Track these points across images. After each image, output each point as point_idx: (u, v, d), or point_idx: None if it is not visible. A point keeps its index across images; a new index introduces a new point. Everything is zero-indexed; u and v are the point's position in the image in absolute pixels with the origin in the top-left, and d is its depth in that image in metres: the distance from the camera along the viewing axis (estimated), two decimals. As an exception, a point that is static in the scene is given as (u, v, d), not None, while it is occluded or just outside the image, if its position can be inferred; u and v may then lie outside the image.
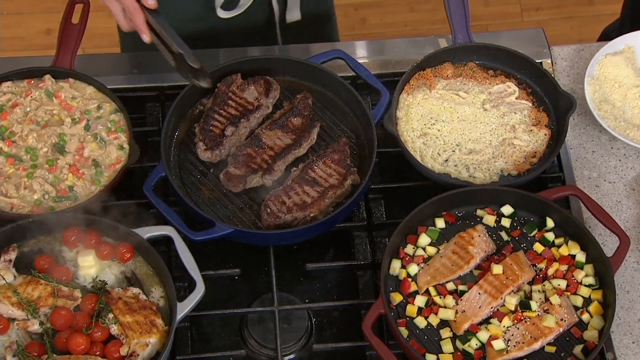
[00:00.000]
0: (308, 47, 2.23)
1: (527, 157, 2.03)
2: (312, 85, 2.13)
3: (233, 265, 1.97)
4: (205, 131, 2.03)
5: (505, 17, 3.79)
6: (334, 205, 1.98)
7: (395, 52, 2.26)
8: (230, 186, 1.99)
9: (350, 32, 3.78)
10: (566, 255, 1.90)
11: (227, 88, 2.07)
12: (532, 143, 2.04)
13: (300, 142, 2.03)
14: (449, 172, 2.01)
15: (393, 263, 1.89)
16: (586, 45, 2.29)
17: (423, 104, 2.08)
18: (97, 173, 1.97)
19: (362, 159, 2.05)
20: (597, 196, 2.07)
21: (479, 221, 1.95)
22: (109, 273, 1.86)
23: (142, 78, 2.17)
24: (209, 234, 1.89)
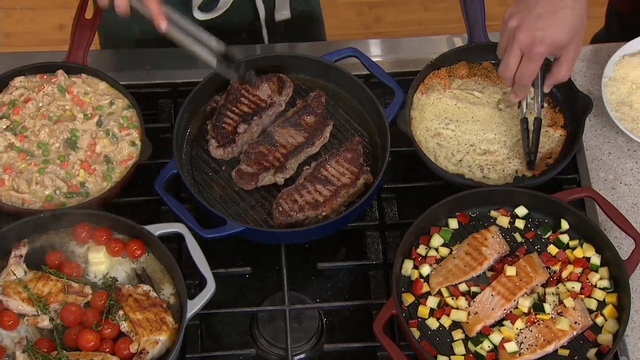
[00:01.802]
0: (321, 45, 2.23)
1: (543, 158, 2.02)
2: (325, 84, 2.13)
3: (244, 264, 1.97)
4: (217, 128, 2.03)
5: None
6: (346, 204, 1.98)
7: (409, 50, 2.26)
8: (242, 184, 1.99)
9: (364, 30, 3.78)
10: (581, 258, 1.89)
11: (240, 85, 2.08)
12: (547, 144, 2.04)
13: (313, 141, 2.03)
14: (463, 173, 2.01)
15: (405, 263, 1.89)
16: (603, 46, 2.28)
17: (437, 103, 2.08)
18: (109, 169, 1.98)
19: (375, 158, 2.05)
20: (612, 198, 2.06)
21: (493, 222, 1.95)
22: (120, 270, 1.87)
23: (155, 74, 2.17)
24: (220, 231, 1.89)
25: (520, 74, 1.84)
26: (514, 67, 1.84)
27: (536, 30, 1.79)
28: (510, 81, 1.88)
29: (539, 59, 1.82)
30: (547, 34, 1.79)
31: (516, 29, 1.80)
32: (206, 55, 1.84)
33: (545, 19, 1.79)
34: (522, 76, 1.85)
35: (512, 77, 1.86)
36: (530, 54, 1.81)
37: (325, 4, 3.84)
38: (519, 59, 1.82)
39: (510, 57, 1.82)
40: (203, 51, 1.84)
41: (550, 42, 1.80)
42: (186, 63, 2.19)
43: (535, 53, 1.80)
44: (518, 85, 1.88)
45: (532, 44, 1.79)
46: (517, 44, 1.81)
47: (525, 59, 1.82)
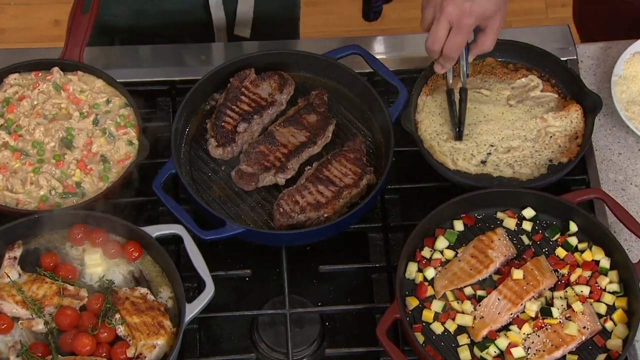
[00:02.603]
0: (324, 42, 2.23)
1: (572, 140, 2.02)
2: (327, 82, 2.13)
3: (244, 266, 1.97)
4: (217, 127, 2.03)
5: (529, 13, 3.78)
6: (349, 205, 1.98)
7: (414, 48, 2.25)
8: (242, 184, 1.99)
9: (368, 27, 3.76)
10: (590, 261, 1.89)
11: (240, 83, 2.08)
12: (568, 125, 2.03)
13: (314, 140, 2.03)
14: (489, 173, 2.01)
15: (409, 266, 1.89)
16: (613, 43, 2.28)
17: (445, 105, 2.07)
18: (105, 169, 1.98)
19: (378, 158, 2.05)
20: (622, 200, 2.06)
21: (499, 224, 1.95)
22: (117, 272, 1.87)
23: (153, 71, 2.17)
24: (220, 233, 1.89)
25: (449, 45, 1.87)
26: (443, 39, 1.86)
27: (464, 1, 1.82)
28: (437, 53, 1.91)
29: (468, 30, 1.85)
30: (476, 5, 1.82)
31: (443, 1, 1.83)
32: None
33: None
34: (450, 48, 1.87)
35: (440, 49, 1.88)
36: (459, 25, 1.84)
37: (327, 1, 3.86)
38: (447, 31, 1.85)
39: (438, 30, 1.85)
40: None
41: (479, 13, 1.83)
42: (185, 60, 2.20)
43: (464, 24, 1.83)
44: (446, 57, 1.90)
45: (461, 15, 1.82)
46: (445, 16, 1.83)
47: (453, 30, 1.85)
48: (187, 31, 2.31)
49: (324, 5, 3.82)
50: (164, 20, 2.28)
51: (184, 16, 2.29)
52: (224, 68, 2.09)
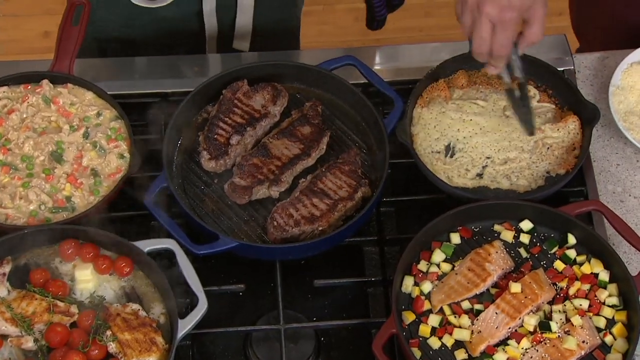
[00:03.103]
0: (317, 52, 2.24)
1: (569, 152, 2.02)
2: (322, 93, 2.14)
3: (237, 281, 1.96)
4: (209, 140, 2.03)
5: (526, 22, 3.78)
6: (344, 218, 1.98)
7: (409, 58, 2.26)
8: (236, 197, 1.99)
9: (362, 37, 3.78)
10: (588, 274, 1.89)
11: (233, 95, 2.08)
12: (566, 137, 2.04)
13: (309, 152, 2.04)
14: (487, 185, 2.01)
15: (405, 280, 1.89)
16: (610, 53, 2.29)
17: (441, 118, 2.08)
18: (96, 183, 1.98)
19: (374, 170, 2.05)
20: (621, 212, 2.07)
21: (497, 237, 1.95)
22: (108, 288, 1.87)
23: (144, 83, 2.17)
24: (213, 247, 1.89)
25: (496, 44, 1.86)
26: (488, 40, 1.85)
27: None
28: (486, 56, 1.90)
29: (512, 24, 1.84)
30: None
31: (479, 3, 1.82)
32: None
33: None
34: (498, 47, 1.86)
35: (488, 50, 1.88)
36: (502, 21, 1.82)
37: (322, 11, 3.87)
38: (491, 31, 1.84)
39: (481, 31, 1.84)
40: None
41: (518, 5, 1.82)
42: (176, 72, 2.20)
43: (507, 19, 1.82)
44: (496, 56, 1.89)
45: (500, 11, 1.81)
46: (485, 16, 1.82)
47: (498, 29, 1.84)
48: (180, 41, 2.31)
49: (319, 15, 3.83)
50: (156, 29, 2.28)
51: (178, 24, 2.29)
52: (217, 80, 2.09)
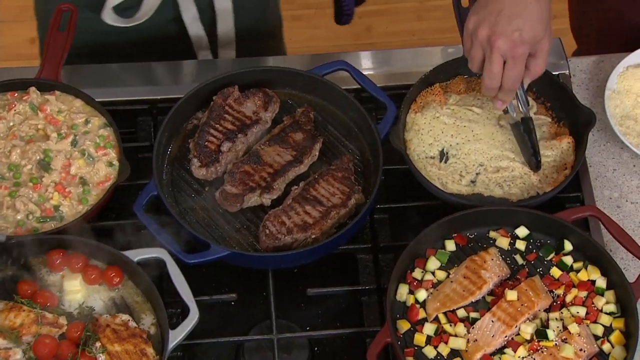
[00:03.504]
0: (309, 58, 2.24)
1: (559, 171, 2.03)
2: (313, 99, 2.14)
3: (229, 290, 1.96)
4: (200, 147, 2.03)
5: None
6: (337, 226, 1.98)
7: (402, 63, 2.26)
8: (227, 205, 1.99)
9: (354, 41, 3.79)
10: (585, 281, 1.89)
11: (224, 101, 2.08)
12: (558, 155, 2.04)
13: (301, 159, 2.03)
14: (481, 192, 2.01)
15: (400, 288, 1.89)
16: (606, 57, 2.29)
17: (434, 123, 2.08)
18: (85, 192, 1.97)
19: (367, 177, 2.05)
20: (618, 217, 2.07)
21: (492, 244, 1.95)
22: (97, 299, 1.86)
23: (133, 90, 2.17)
24: (204, 256, 1.89)
25: (507, 80, 1.87)
26: (500, 75, 1.87)
27: (513, 32, 1.82)
28: (495, 91, 1.91)
29: (523, 59, 1.86)
30: (525, 32, 1.82)
31: (490, 37, 1.83)
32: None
33: (517, 19, 1.82)
34: (509, 82, 1.88)
35: (498, 86, 1.89)
36: (514, 57, 1.84)
37: (314, 15, 3.88)
38: (502, 66, 1.85)
39: (493, 67, 1.85)
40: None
41: (530, 40, 1.83)
42: (166, 78, 2.20)
43: (519, 55, 1.84)
44: (505, 91, 1.91)
45: (513, 47, 1.83)
46: (497, 51, 1.83)
47: (509, 63, 1.85)
48: (161, 49, 2.30)
49: (310, 19, 3.84)
50: (135, 37, 2.27)
51: (157, 32, 2.28)
52: (207, 86, 2.09)
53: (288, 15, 3.86)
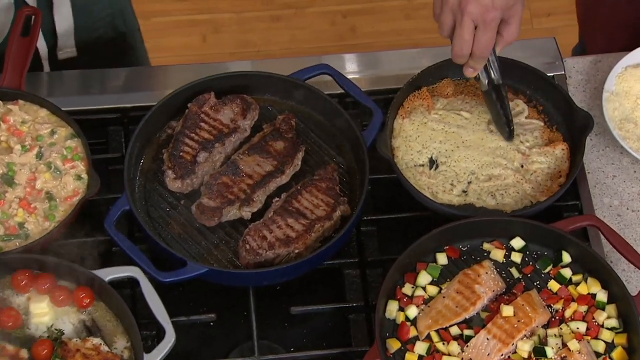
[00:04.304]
0: (290, 61, 2.23)
1: (554, 179, 2.03)
2: (295, 105, 2.14)
3: (207, 310, 1.96)
4: (174, 158, 2.02)
5: (513, 24, 3.82)
6: (322, 239, 1.98)
7: (388, 65, 2.27)
8: (204, 220, 1.98)
9: (338, 42, 3.80)
10: (585, 295, 1.90)
11: (199, 109, 2.07)
12: (552, 163, 2.05)
13: (282, 169, 2.03)
14: (472, 203, 2.01)
15: (389, 305, 1.89)
16: (604, 57, 2.30)
17: (422, 129, 2.08)
18: (51, 207, 1.96)
19: (353, 187, 2.05)
20: (619, 227, 2.08)
21: (486, 256, 1.95)
22: (66, 321, 1.85)
23: (103, 98, 2.17)
24: (180, 274, 1.88)
25: (478, 45, 1.90)
26: (471, 42, 1.89)
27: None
28: (467, 58, 1.93)
29: (495, 25, 1.88)
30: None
31: (460, 3, 1.85)
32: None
33: None
34: (481, 48, 1.90)
35: (469, 53, 1.91)
36: (485, 22, 1.87)
37: (294, 15, 3.88)
38: (473, 32, 1.88)
39: (464, 32, 1.88)
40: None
41: (501, 4, 1.86)
42: (137, 85, 2.19)
43: (490, 20, 1.86)
44: (477, 58, 1.93)
45: (484, 11, 1.85)
46: (468, 16, 1.86)
47: (480, 29, 1.88)
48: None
49: (290, 19, 3.84)
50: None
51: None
52: (181, 92, 2.08)
53: (266, 16, 3.88)
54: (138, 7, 2.52)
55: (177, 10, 3.86)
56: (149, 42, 2.64)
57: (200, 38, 3.82)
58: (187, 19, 3.85)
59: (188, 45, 3.79)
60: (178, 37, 3.80)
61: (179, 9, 3.86)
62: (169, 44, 3.74)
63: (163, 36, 3.74)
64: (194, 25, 3.83)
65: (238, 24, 3.84)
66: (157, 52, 2.71)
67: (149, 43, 2.64)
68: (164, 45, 3.70)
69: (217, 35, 3.82)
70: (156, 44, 2.71)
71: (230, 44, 3.80)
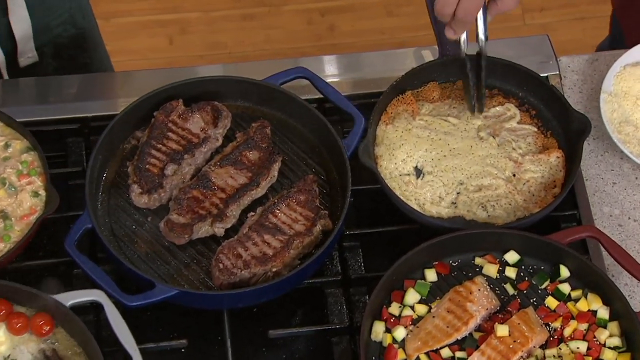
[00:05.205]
0: (264, 64, 2.24)
1: (548, 189, 2.04)
2: (270, 111, 2.14)
3: (178, 336, 1.96)
4: (140, 171, 2.02)
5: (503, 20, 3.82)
6: (302, 257, 1.98)
7: (370, 68, 2.28)
8: (173, 237, 1.98)
9: (316, 42, 3.81)
10: (585, 312, 1.91)
11: (166, 117, 2.08)
12: (546, 172, 2.06)
13: (257, 181, 2.03)
14: (462, 215, 2.02)
15: (375, 326, 1.89)
16: (601, 55, 2.32)
17: (407, 137, 2.09)
18: (6, 227, 1.96)
19: (334, 200, 2.06)
20: (620, 238, 2.09)
21: (478, 272, 1.96)
22: (24, 351, 1.84)
23: (61, 108, 2.16)
24: (148, 297, 1.88)
25: (464, 6, 1.88)
26: (455, 1, 1.88)
27: None
28: (449, 17, 1.92)
29: None
30: None
31: None
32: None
33: None
34: (465, 10, 1.89)
35: (453, 12, 1.90)
36: None
37: (268, 13, 3.89)
38: None
39: None
40: None
41: None
42: (99, 92, 2.19)
43: None
44: (459, 20, 1.92)
45: None
46: None
47: None
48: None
49: (264, 18, 3.85)
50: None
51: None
52: (146, 100, 2.08)
53: (238, 15, 3.89)
54: (96, 8, 2.52)
55: (139, 10, 3.85)
56: (109, 45, 2.64)
57: (166, 40, 3.81)
58: (152, 19, 3.85)
59: (153, 48, 3.78)
60: (142, 39, 3.80)
61: (141, 9, 3.86)
62: (132, 47, 3.73)
63: (125, 38, 3.74)
64: (159, 26, 3.83)
65: (207, 23, 3.84)
66: (120, 55, 2.71)
67: (110, 46, 2.64)
68: (126, 48, 3.69)
69: (185, 36, 3.82)
70: (118, 47, 2.70)
71: (198, 45, 3.80)
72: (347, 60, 2.31)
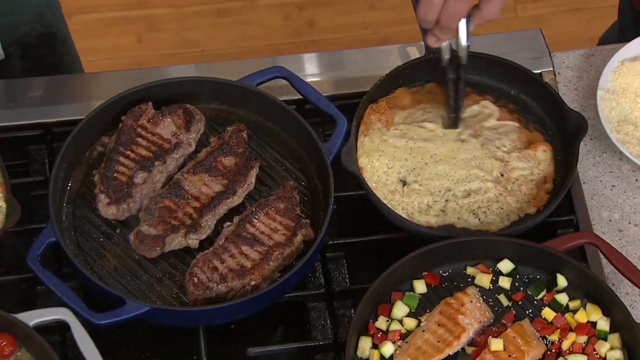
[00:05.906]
0: (239, 64, 2.24)
1: (540, 186, 2.05)
2: (246, 114, 2.14)
3: (151, 355, 1.96)
4: (107, 179, 2.02)
5: (494, 12, 3.86)
6: (282, 269, 1.98)
7: (353, 66, 2.28)
8: (144, 250, 1.98)
9: (294, 39, 3.81)
10: (584, 323, 1.91)
11: (135, 122, 2.07)
12: (535, 168, 2.07)
13: (234, 189, 2.04)
14: (453, 223, 2.03)
15: (361, 342, 1.89)
16: (597, 49, 2.33)
17: (383, 147, 2.09)
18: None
19: (316, 207, 2.06)
20: (620, 244, 2.10)
21: (470, 282, 1.97)
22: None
23: (21, 113, 2.16)
24: (118, 315, 1.87)
25: (448, 13, 1.91)
26: (439, 6, 1.90)
27: None
28: (433, 24, 1.95)
29: None
30: None
31: None
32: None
33: None
34: (449, 16, 1.92)
35: (435, 19, 1.92)
36: None
37: (243, 8, 3.89)
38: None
39: None
40: None
41: None
42: (62, 96, 2.18)
43: None
44: (443, 28, 1.95)
45: None
46: None
47: None
48: None
49: (238, 13, 3.85)
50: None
51: None
52: (113, 103, 2.08)
53: (211, 10, 3.88)
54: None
55: (104, 6, 3.84)
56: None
57: (134, 38, 3.81)
58: (118, 16, 3.84)
59: (120, 47, 3.77)
60: (108, 38, 3.78)
61: (107, 5, 3.84)
62: (97, 46, 3.72)
63: (89, 37, 3.72)
64: (126, 23, 3.82)
65: (178, 20, 3.83)
66: (84, 55, 2.69)
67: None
68: (90, 47, 3.67)
69: (154, 34, 3.81)
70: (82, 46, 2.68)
71: (169, 43, 3.79)
72: (327, 59, 2.31)
